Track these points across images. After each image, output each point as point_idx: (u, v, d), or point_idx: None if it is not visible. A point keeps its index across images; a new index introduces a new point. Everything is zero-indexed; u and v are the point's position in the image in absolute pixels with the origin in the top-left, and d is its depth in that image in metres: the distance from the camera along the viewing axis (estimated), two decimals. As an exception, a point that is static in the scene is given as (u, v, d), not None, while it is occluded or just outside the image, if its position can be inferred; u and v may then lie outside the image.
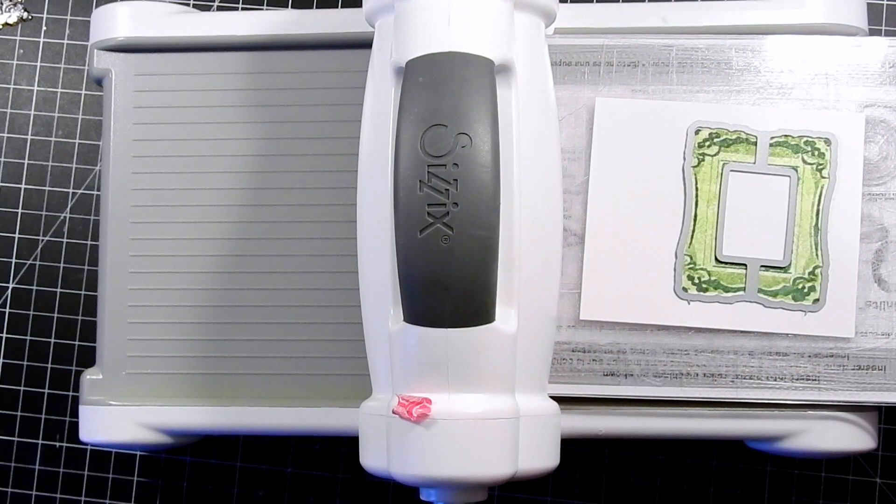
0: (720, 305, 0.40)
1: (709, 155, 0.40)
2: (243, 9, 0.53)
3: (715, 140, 0.40)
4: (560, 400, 0.38)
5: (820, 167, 0.40)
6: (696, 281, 0.40)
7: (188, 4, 0.52)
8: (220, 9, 0.53)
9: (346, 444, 0.50)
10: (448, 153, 0.34)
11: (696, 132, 0.40)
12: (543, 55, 0.37)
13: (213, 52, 0.44)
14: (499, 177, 0.34)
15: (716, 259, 0.40)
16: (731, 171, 0.40)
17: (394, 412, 0.34)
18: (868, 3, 0.43)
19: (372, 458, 0.36)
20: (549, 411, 0.37)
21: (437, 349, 0.34)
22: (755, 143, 0.40)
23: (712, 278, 0.40)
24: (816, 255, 0.40)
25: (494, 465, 0.34)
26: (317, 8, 0.53)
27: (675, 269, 0.40)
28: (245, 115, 0.44)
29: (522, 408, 0.35)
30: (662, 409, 0.40)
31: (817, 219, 0.40)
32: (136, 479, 0.51)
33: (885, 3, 0.50)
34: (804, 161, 0.40)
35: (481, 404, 0.34)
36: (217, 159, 0.44)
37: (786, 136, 0.40)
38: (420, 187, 0.34)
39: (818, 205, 0.40)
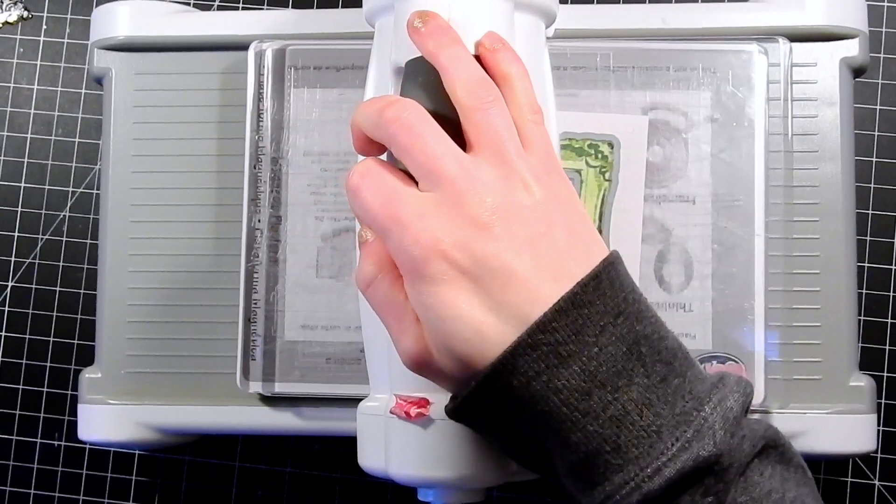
0: None
1: None
2: (243, 8, 0.53)
3: None
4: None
5: (603, 170, 0.40)
6: None
7: (188, 4, 0.52)
8: (220, 8, 0.53)
9: (345, 445, 0.50)
10: (447, 153, 0.33)
11: None
12: (543, 55, 0.37)
13: (212, 52, 0.44)
14: (498, 177, 0.34)
15: None
16: None
17: (391, 412, 0.34)
18: (868, 5, 0.43)
19: (370, 459, 0.36)
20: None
21: (435, 349, 0.34)
22: None
23: None
24: None
25: (492, 466, 0.34)
26: (317, 8, 0.53)
27: None
28: (245, 114, 0.44)
29: (521, 408, 0.35)
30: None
31: (600, 221, 0.40)
32: (134, 477, 0.51)
33: (885, 4, 0.50)
34: (588, 164, 0.40)
35: (479, 405, 0.34)
36: (216, 159, 0.44)
37: (570, 139, 0.40)
38: (419, 187, 0.34)
39: (601, 207, 0.40)
